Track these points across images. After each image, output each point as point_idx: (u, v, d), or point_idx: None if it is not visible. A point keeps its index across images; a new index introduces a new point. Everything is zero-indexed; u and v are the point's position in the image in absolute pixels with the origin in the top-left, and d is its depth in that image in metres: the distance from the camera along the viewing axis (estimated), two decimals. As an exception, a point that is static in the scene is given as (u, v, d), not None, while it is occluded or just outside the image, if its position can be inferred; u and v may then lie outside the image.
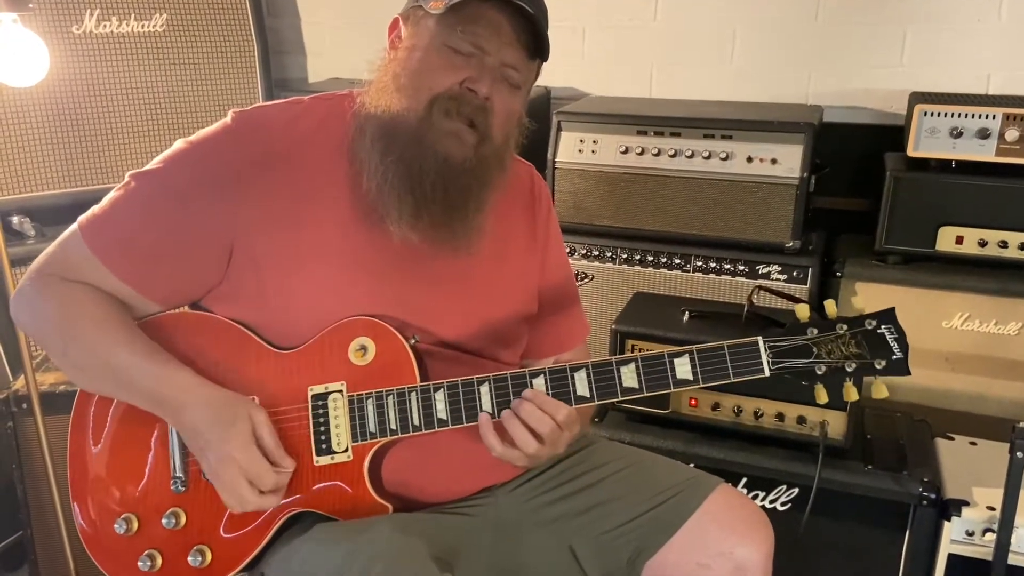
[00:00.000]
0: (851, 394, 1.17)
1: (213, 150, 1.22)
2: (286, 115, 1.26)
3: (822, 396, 1.17)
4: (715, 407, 1.84)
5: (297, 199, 1.21)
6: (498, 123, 1.21)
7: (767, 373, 1.16)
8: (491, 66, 1.18)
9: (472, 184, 1.21)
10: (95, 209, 1.22)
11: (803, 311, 1.17)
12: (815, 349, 1.16)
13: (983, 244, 1.99)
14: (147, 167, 1.23)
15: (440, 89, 1.17)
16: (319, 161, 1.23)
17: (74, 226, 1.22)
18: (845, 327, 1.15)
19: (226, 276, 1.22)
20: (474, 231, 1.24)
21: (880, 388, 1.16)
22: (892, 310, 1.16)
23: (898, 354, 1.15)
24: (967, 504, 1.67)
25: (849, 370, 1.15)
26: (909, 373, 1.15)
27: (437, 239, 1.22)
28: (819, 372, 1.16)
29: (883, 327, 1.15)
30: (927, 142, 2.01)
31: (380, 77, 1.23)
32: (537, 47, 1.21)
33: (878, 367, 1.15)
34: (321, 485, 1.20)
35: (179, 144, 1.23)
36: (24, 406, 1.96)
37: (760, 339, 1.16)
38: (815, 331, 1.16)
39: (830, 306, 1.17)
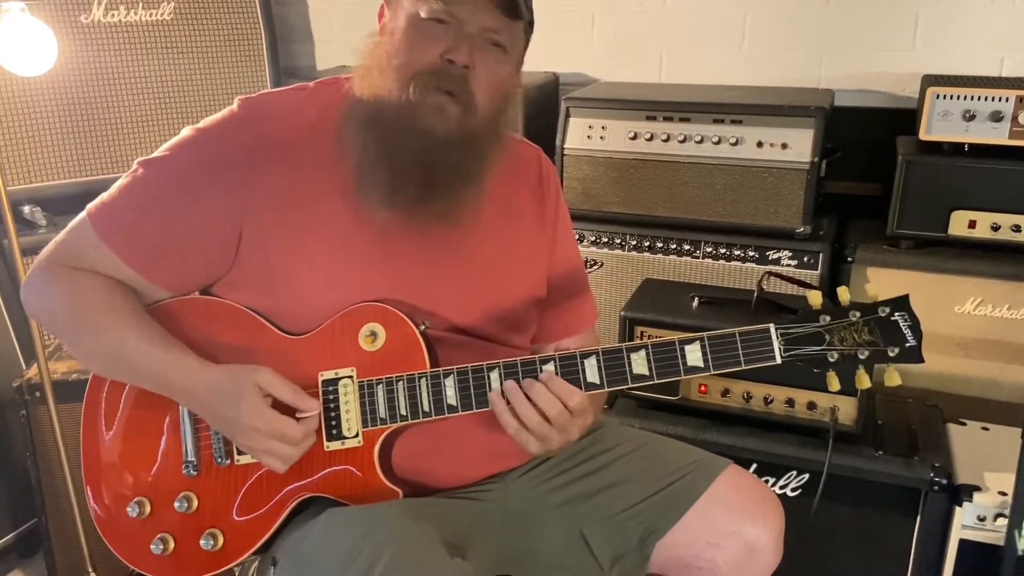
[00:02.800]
0: (863, 381, 1.16)
1: (220, 137, 1.22)
2: (291, 101, 1.26)
3: (834, 383, 1.16)
4: (725, 393, 1.84)
5: (304, 186, 1.21)
6: (483, 91, 1.17)
7: (779, 360, 1.15)
8: (470, 33, 1.15)
9: (459, 158, 1.18)
10: (104, 196, 1.22)
11: (815, 298, 1.16)
12: (827, 336, 1.14)
13: (996, 228, 1.97)
14: (155, 154, 1.23)
15: (421, 66, 1.15)
16: (323, 147, 1.23)
17: (83, 213, 1.22)
18: (858, 314, 1.14)
19: (235, 263, 1.22)
20: (463, 205, 1.21)
21: (892, 375, 1.16)
22: (906, 297, 1.15)
23: (911, 341, 1.13)
24: (979, 489, 1.66)
25: (862, 357, 1.14)
26: (923, 360, 1.14)
27: (419, 217, 1.20)
28: (831, 359, 1.15)
29: (897, 314, 1.14)
30: (939, 125, 1.99)
31: (364, 63, 1.21)
32: (513, 9, 1.17)
33: (891, 354, 1.14)
34: (332, 470, 1.21)
35: (186, 131, 1.23)
36: (37, 394, 1.97)
37: (772, 326, 1.15)
38: (827, 318, 1.15)
39: (843, 293, 1.16)
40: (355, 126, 1.19)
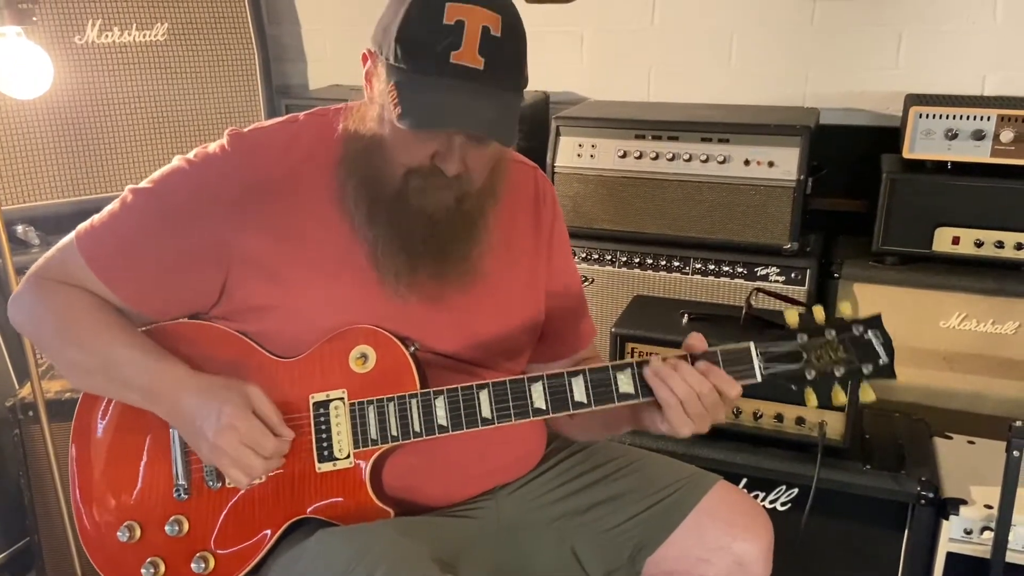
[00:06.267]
0: (839, 398, 1.18)
1: (211, 172, 1.22)
2: (282, 137, 1.26)
3: (812, 400, 1.19)
4: (714, 409, 1.85)
5: (295, 219, 1.22)
6: (477, 177, 1.19)
7: (759, 379, 1.18)
8: (458, 142, 1.13)
9: (459, 228, 1.20)
10: (93, 220, 1.24)
11: (792, 317, 1.19)
12: (805, 354, 1.18)
13: (979, 244, 2.00)
14: (144, 184, 1.24)
15: (412, 163, 1.15)
16: (316, 181, 1.23)
17: (71, 235, 1.23)
18: (833, 333, 1.17)
19: (224, 294, 1.23)
20: (473, 267, 1.23)
21: (867, 391, 1.18)
22: (878, 316, 1.18)
23: (884, 359, 1.17)
24: (965, 503, 1.68)
25: (837, 375, 1.17)
26: (895, 377, 1.17)
27: (437, 288, 1.22)
28: (809, 377, 1.18)
29: (870, 332, 1.17)
30: (923, 144, 2.02)
31: (359, 127, 1.20)
32: (509, 137, 1.15)
33: (865, 372, 1.17)
34: (323, 491, 1.21)
35: (177, 162, 1.24)
36: (30, 413, 1.98)
37: (752, 345, 1.18)
38: (805, 337, 1.18)
39: (819, 312, 1.19)
40: (353, 201, 1.20)
